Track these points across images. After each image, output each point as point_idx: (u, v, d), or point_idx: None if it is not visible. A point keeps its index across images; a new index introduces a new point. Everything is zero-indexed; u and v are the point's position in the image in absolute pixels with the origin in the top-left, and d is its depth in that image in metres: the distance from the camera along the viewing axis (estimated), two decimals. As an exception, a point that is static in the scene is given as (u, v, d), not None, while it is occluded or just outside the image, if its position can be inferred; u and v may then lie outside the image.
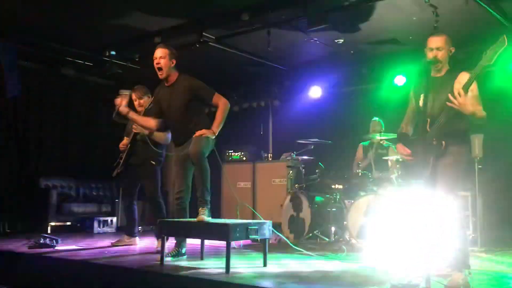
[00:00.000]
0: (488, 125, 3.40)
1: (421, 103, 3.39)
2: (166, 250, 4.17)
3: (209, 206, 4.11)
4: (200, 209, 4.07)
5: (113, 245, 5.47)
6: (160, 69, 4.21)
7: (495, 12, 5.49)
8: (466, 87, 3.15)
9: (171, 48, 4.29)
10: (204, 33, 6.26)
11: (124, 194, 5.66)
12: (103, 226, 7.46)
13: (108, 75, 7.53)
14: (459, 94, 3.13)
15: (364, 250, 5.13)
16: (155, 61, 4.22)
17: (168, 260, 4.20)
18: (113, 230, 7.54)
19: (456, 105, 3.15)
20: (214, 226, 3.91)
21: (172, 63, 4.24)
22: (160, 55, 4.20)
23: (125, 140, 5.46)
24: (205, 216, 4.02)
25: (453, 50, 3.45)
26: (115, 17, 6.06)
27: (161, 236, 4.15)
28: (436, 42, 3.40)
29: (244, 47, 7.05)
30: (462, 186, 5.23)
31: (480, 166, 5.47)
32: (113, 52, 6.88)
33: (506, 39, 2.98)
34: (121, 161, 5.37)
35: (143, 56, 7.26)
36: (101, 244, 5.71)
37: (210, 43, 6.56)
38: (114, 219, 7.67)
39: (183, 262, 4.21)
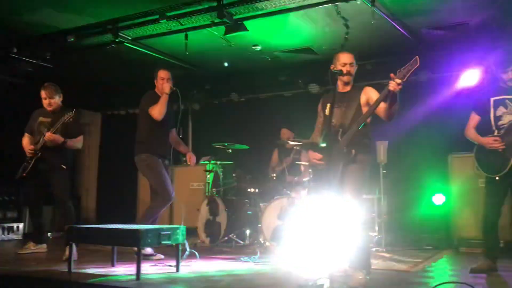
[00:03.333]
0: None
1: (327, 111, 3.58)
2: (74, 258, 4.04)
3: None
4: None
5: (18, 253, 5.18)
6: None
7: (399, 27, 5.89)
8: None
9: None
10: (120, 33, 6.12)
11: (31, 199, 5.38)
12: (8, 233, 7.04)
13: (17, 73, 7.12)
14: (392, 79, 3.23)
15: (276, 252, 5.27)
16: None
17: (76, 267, 4.06)
18: (19, 237, 7.14)
19: (396, 86, 3.21)
20: (125, 232, 3.84)
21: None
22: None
23: (26, 141, 5.28)
24: None
25: (356, 67, 3.71)
26: (25, 13, 5.74)
27: (69, 243, 4.01)
28: (349, 58, 3.66)
29: (162, 49, 6.98)
30: (367, 190, 5.58)
31: (384, 171, 5.82)
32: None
33: (418, 60, 3.21)
34: (29, 166, 5.14)
35: (54, 55, 6.93)
36: (5, 252, 5.39)
37: (126, 44, 6.43)
38: (21, 225, 7.27)
39: (93, 270, 4.09)
